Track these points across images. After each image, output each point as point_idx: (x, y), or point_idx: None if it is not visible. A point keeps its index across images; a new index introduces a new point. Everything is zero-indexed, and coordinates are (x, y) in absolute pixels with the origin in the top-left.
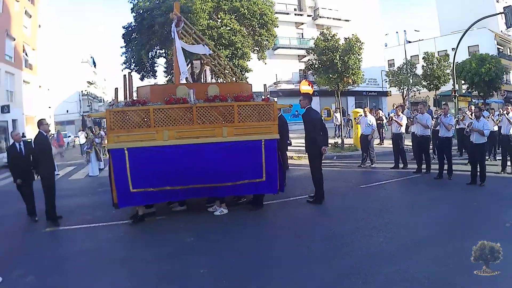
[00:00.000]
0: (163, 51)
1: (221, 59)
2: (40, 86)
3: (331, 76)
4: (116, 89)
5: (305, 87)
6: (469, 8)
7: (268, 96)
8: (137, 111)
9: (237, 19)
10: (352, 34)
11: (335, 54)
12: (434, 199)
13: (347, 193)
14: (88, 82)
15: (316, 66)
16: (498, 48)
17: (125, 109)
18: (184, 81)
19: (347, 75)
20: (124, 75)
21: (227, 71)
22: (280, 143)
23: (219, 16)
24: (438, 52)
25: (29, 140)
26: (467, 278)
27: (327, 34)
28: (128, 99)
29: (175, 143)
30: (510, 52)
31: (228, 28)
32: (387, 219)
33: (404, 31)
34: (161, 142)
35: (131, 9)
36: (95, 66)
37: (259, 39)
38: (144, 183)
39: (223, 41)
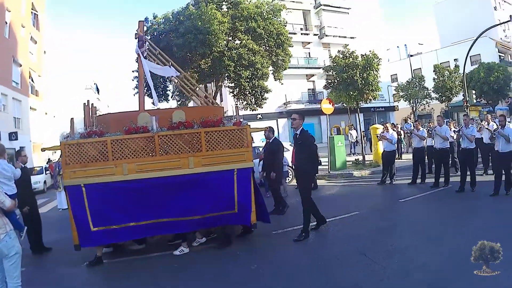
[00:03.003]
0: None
1: (190, 80)
2: (46, 113)
3: (351, 93)
4: (72, 119)
5: (326, 106)
6: (468, 18)
7: (240, 119)
8: (93, 143)
9: (253, 39)
10: (370, 51)
11: (355, 71)
12: (468, 211)
13: (389, 208)
14: None
15: (335, 84)
16: (499, 56)
17: (80, 142)
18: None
19: (367, 92)
20: (84, 103)
21: (201, 94)
22: (276, 167)
23: (238, 37)
24: (440, 63)
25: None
26: None
27: (346, 52)
28: (85, 130)
29: (136, 177)
30: (511, 59)
31: (247, 48)
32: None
33: (405, 45)
34: (121, 176)
35: (144, 32)
36: (98, 92)
37: (276, 59)
38: (105, 221)
39: (243, 62)
